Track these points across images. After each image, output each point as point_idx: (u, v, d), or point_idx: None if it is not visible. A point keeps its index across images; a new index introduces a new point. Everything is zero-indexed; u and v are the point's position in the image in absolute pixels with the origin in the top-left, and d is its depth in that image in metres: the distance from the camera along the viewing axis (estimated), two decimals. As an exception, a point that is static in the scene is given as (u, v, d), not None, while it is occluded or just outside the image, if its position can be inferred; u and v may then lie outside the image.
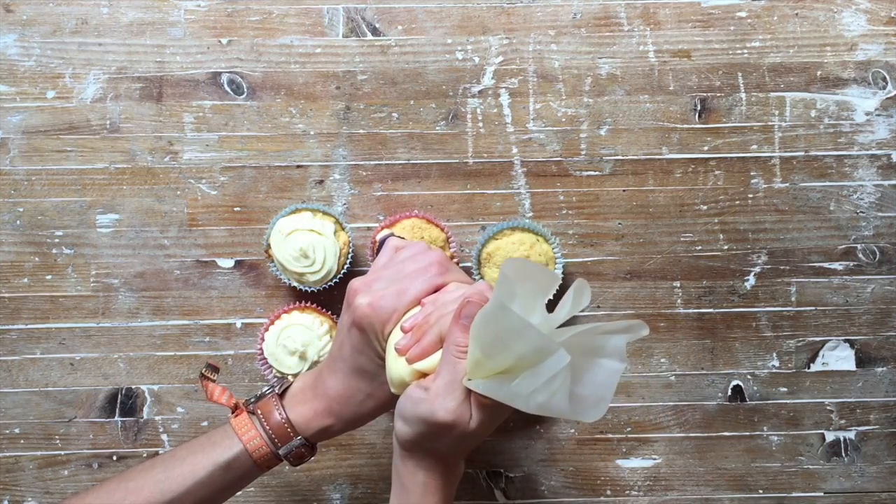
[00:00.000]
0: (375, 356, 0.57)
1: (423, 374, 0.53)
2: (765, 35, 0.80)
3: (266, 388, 0.62)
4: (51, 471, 0.79)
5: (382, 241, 0.63)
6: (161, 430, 0.79)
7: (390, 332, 0.56)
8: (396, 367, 0.54)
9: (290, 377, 0.63)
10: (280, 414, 0.59)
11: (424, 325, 0.53)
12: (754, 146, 0.80)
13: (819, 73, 0.80)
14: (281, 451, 0.60)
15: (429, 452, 0.53)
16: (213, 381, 0.64)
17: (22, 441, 0.79)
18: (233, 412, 0.62)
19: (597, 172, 0.80)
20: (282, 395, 0.62)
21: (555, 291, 0.52)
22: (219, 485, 0.59)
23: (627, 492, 0.81)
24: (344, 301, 0.59)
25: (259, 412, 0.60)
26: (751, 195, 0.80)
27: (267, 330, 0.75)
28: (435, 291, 0.56)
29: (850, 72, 0.80)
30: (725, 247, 0.80)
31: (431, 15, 0.79)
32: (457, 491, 0.57)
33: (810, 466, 0.81)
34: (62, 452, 0.79)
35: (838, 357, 0.81)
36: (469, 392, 0.50)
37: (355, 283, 0.58)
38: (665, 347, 0.80)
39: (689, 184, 0.80)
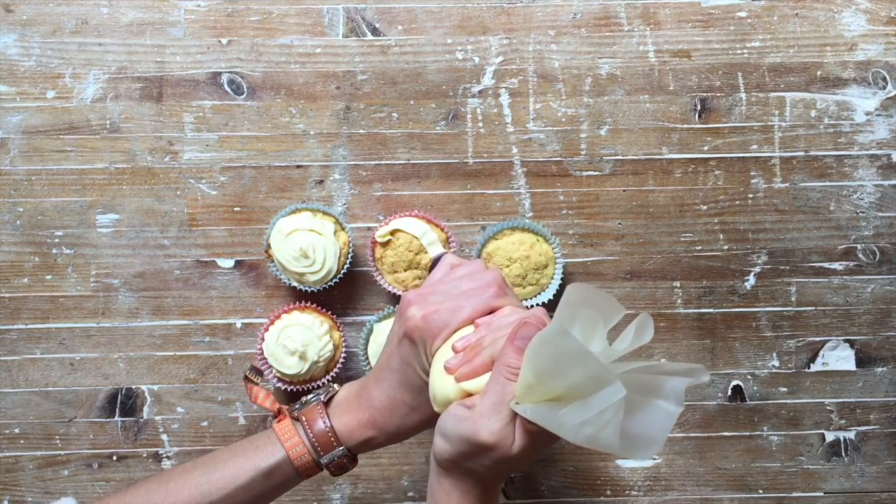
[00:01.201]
0: (422, 370, 0.56)
1: (469, 395, 0.52)
2: (765, 35, 0.80)
3: (311, 396, 0.61)
4: (51, 471, 0.79)
5: (437, 259, 0.62)
6: (161, 430, 0.79)
7: (438, 348, 0.55)
8: (442, 384, 0.53)
9: (335, 386, 0.62)
10: (325, 422, 0.59)
11: (477, 345, 0.52)
12: (754, 146, 0.80)
13: (819, 73, 0.80)
14: (323, 460, 0.59)
15: (466, 473, 0.52)
16: (257, 383, 0.64)
17: (22, 441, 0.79)
18: (275, 417, 0.61)
19: (597, 172, 0.80)
20: (327, 403, 0.61)
21: (617, 321, 0.51)
22: (258, 490, 0.59)
23: (627, 492, 0.81)
24: (396, 312, 0.58)
25: (304, 419, 0.59)
26: (751, 195, 0.80)
27: (267, 330, 0.75)
28: (489, 313, 0.55)
29: (850, 72, 0.80)
30: (725, 247, 0.80)
31: (431, 15, 0.79)
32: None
33: (810, 466, 0.81)
34: (62, 452, 0.79)
35: (838, 357, 0.81)
36: (515, 416, 0.49)
37: (409, 294, 0.57)
38: (665, 347, 0.80)
39: (689, 184, 0.80)
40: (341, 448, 0.59)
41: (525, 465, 0.53)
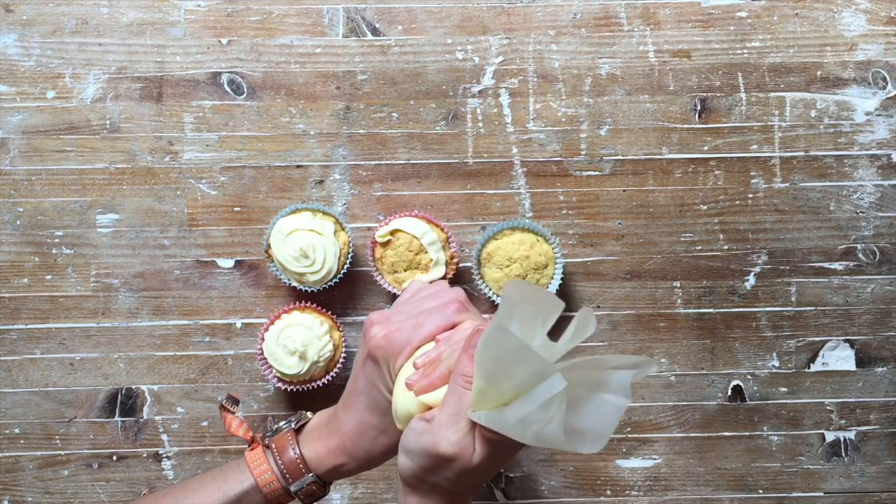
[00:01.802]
0: (387, 390, 0.56)
1: (429, 408, 0.52)
2: (765, 35, 0.80)
3: (283, 423, 0.61)
4: (51, 471, 0.79)
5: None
6: (161, 430, 0.79)
7: (402, 366, 0.55)
8: (403, 400, 0.53)
9: (307, 413, 0.62)
10: (294, 450, 0.58)
11: (436, 360, 0.52)
12: (754, 146, 0.80)
13: (819, 73, 0.80)
14: (292, 488, 0.58)
15: (432, 489, 0.52)
16: (233, 412, 0.63)
17: (22, 441, 0.79)
18: (249, 445, 0.61)
19: (597, 172, 0.80)
20: (298, 431, 0.60)
21: (557, 317, 0.50)
22: None
23: (627, 492, 0.81)
24: (362, 335, 0.58)
25: (273, 447, 0.59)
26: (751, 195, 0.80)
27: (267, 330, 0.75)
28: (452, 329, 0.55)
29: (850, 72, 0.80)
30: (725, 247, 0.80)
31: (431, 15, 0.79)
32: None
33: (810, 466, 0.81)
34: (62, 452, 0.79)
35: (838, 357, 0.81)
36: (474, 425, 0.49)
37: (373, 315, 0.57)
38: (665, 347, 0.80)
39: (689, 184, 0.80)
40: (311, 475, 0.58)
41: (490, 476, 0.52)
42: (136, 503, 0.60)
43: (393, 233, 0.75)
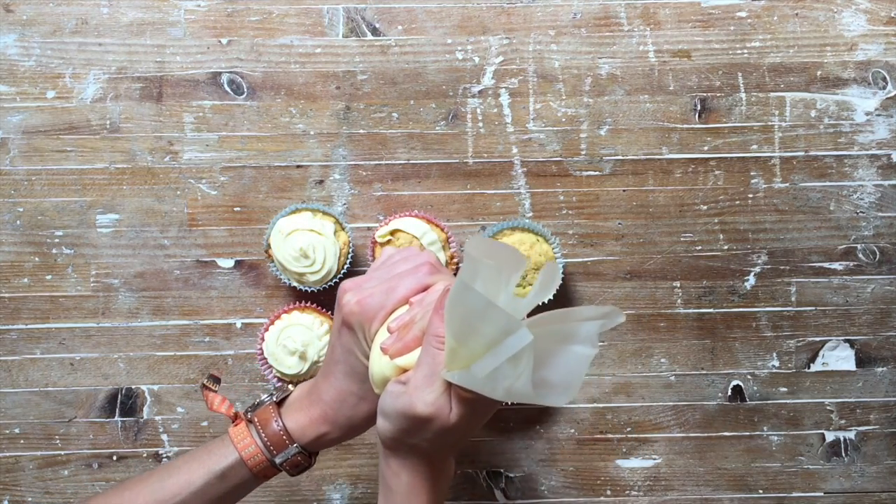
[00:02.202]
0: (364, 356, 0.56)
1: (405, 371, 0.52)
2: (765, 35, 0.80)
3: (265, 396, 0.62)
4: (51, 471, 0.79)
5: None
6: (161, 430, 0.79)
7: (376, 331, 0.55)
8: (379, 364, 0.53)
9: (289, 386, 0.63)
10: (277, 423, 0.59)
11: (410, 322, 0.53)
12: (754, 146, 0.80)
13: (819, 73, 0.80)
14: (277, 460, 0.59)
15: (412, 450, 0.52)
16: (214, 391, 0.64)
17: (22, 441, 0.79)
18: (233, 422, 0.61)
19: (597, 172, 0.80)
20: (280, 404, 0.61)
21: (522, 273, 0.50)
22: (214, 494, 0.59)
23: (627, 492, 0.81)
24: (335, 303, 0.58)
25: (256, 420, 0.60)
26: (751, 195, 0.80)
27: (267, 330, 0.75)
28: (424, 291, 0.55)
29: (850, 72, 0.80)
30: (725, 247, 0.80)
31: (431, 15, 0.79)
32: (456, 491, 0.56)
33: (810, 466, 0.81)
34: (62, 452, 0.79)
35: (838, 357, 0.81)
36: (449, 385, 0.49)
37: (346, 283, 0.57)
38: (665, 347, 0.80)
39: (689, 184, 0.80)
40: (295, 446, 0.59)
41: (469, 436, 0.52)
42: (126, 482, 0.61)
43: (393, 233, 0.75)
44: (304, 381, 0.63)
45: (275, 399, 0.61)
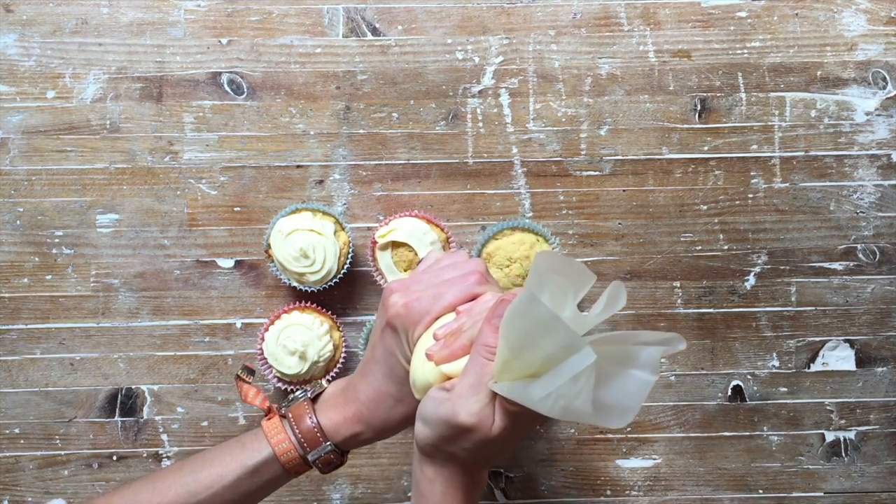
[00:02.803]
0: (405, 359, 0.56)
1: (449, 379, 0.51)
2: (765, 35, 0.80)
3: (299, 393, 0.61)
4: (51, 471, 0.79)
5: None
6: (161, 430, 0.79)
7: (420, 336, 0.54)
8: (422, 370, 0.52)
9: (323, 382, 0.62)
10: (311, 419, 0.58)
11: (458, 331, 0.52)
12: (754, 146, 0.80)
13: (819, 73, 0.80)
14: (310, 457, 0.58)
15: (449, 459, 0.52)
16: (249, 382, 0.63)
17: (22, 441, 0.79)
18: (266, 415, 0.61)
19: (597, 172, 0.80)
20: (315, 400, 0.60)
21: (588, 289, 0.50)
22: (245, 488, 0.59)
23: (627, 492, 0.81)
24: (380, 304, 0.58)
25: (290, 416, 0.59)
26: (751, 195, 0.80)
27: (267, 330, 0.75)
28: (471, 300, 0.54)
29: (850, 72, 0.80)
30: (725, 247, 0.80)
31: (431, 15, 0.79)
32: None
33: (810, 466, 0.81)
34: (62, 452, 0.79)
35: (838, 357, 0.81)
36: (494, 396, 0.48)
37: (392, 284, 0.57)
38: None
39: (689, 184, 0.80)
40: (328, 444, 0.58)
41: (508, 449, 0.52)
42: (155, 474, 0.60)
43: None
44: (339, 379, 0.62)
45: (309, 395, 0.61)
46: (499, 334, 0.48)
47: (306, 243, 0.73)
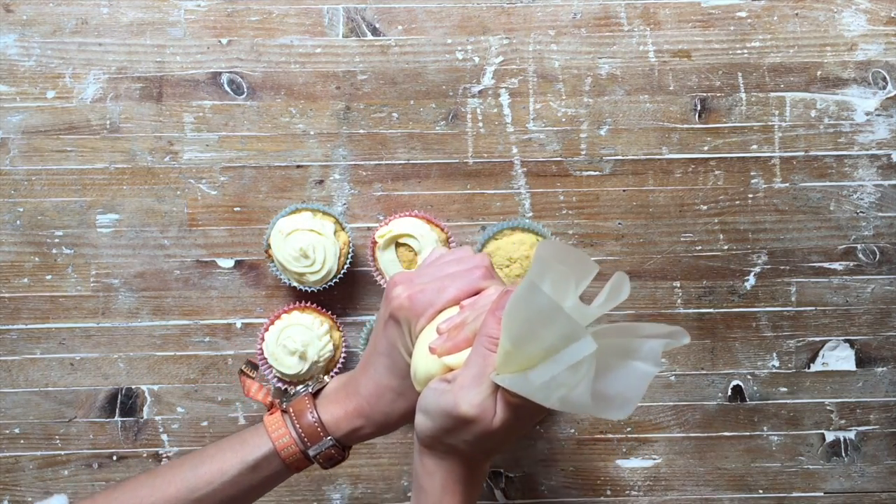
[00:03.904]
0: (407, 352, 0.55)
1: (450, 370, 0.51)
2: (765, 35, 0.80)
3: (301, 388, 0.61)
4: (51, 471, 0.79)
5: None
6: (161, 430, 0.79)
7: (423, 329, 0.54)
8: (424, 362, 0.52)
9: (325, 378, 0.62)
10: (312, 414, 0.58)
11: (461, 325, 0.52)
12: (754, 146, 0.80)
13: (819, 73, 0.80)
14: (311, 452, 0.58)
15: (449, 451, 0.51)
16: (252, 377, 0.63)
17: (22, 441, 0.79)
18: (268, 410, 0.61)
19: (597, 172, 0.80)
20: (316, 395, 0.60)
21: (590, 280, 0.49)
22: (246, 484, 0.58)
23: (627, 492, 0.81)
24: (383, 295, 0.57)
25: (291, 411, 0.59)
26: (751, 195, 0.80)
27: (267, 330, 0.75)
28: (475, 294, 0.54)
29: (850, 72, 0.80)
30: (725, 247, 0.80)
31: (431, 15, 0.79)
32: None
33: (810, 466, 0.81)
34: (62, 452, 0.79)
35: (838, 357, 0.81)
36: (497, 388, 0.48)
37: (396, 276, 0.57)
38: (665, 347, 0.80)
39: (689, 184, 0.80)
40: (329, 439, 0.58)
41: (508, 442, 0.52)
42: (156, 470, 0.60)
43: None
44: (341, 374, 0.62)
45: (310, 390, 0.60)
46: (501, 326, 0.47)
47: (306, 243, 0.73)
